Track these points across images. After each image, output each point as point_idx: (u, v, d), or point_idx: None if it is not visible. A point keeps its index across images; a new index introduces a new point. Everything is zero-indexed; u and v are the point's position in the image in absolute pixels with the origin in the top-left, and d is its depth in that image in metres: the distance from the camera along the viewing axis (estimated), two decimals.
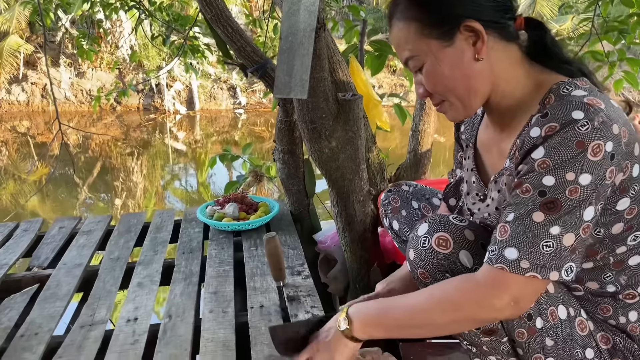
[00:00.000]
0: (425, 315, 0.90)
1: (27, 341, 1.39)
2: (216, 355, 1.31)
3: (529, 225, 0.81)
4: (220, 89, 10.94)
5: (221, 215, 2.07)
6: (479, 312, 0.86)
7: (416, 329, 0.94)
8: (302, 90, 1.49)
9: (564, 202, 0.79)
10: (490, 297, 0.84)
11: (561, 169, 0.79)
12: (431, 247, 0.94)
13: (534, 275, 0.81)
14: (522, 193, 0.83)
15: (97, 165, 7.22)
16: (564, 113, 0.81)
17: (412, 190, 1.38)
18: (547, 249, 0.80)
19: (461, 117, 0.96)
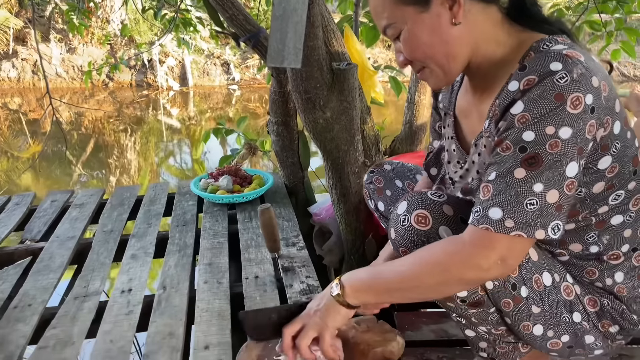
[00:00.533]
0: (414, 278, 0.90)
1: (20, 312, 1.39)
2: (211, 324, 1.31)
3: (511, 182, 0.80)
4: (213, 65, 10.82)
5: (215, 188, 2.06)
6: (465, 272, 0.85)
7: (406, 292, 0.94)
8: (296, 59, 1.47)
9: (545, 157, 0.78)
10: (476, 257, 0.83)
11: (540, 123, 0.78)
12: (411, 225, 0.94)
13: (519, 234, 0.80)
14: (503, 151, 0.82)
15: (90, 142, 7.16)
16: (542, 65, 0.79)
17: (395, 169, 1.36)
18: (531, 207, 0.79)
19: (443, 84, 0.95)
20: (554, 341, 0.98)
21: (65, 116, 8.36)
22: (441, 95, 1.16)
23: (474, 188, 0.99)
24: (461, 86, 1.08)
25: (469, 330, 1.07)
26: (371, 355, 1.12)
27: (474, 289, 0.94)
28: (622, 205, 0.91)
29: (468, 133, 1.05)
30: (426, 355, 1.28)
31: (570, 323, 0.97)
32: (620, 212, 0.92)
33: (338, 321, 1.00)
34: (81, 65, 10.29)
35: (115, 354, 1.21)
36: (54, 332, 1.30)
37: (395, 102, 7.06)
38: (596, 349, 1.01)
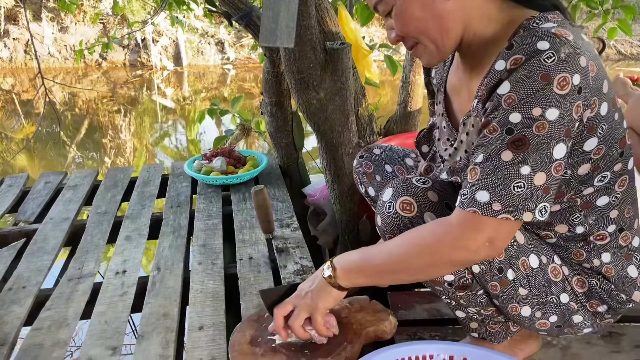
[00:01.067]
0: (403, 260, 0.90)
1: (15, 294, 1.39)
2: (205, 305, 1.32)
3: (498, 165, 0.80)
4: (207, 44, 10.70)
5: (209, 169, 2.05)
6: (454, 254, 0.85)
7: (395, 274, 0.94)
8: (289, 38, 1.45)
9: (532, 139, 0.77)
10: (464, 239, 0.83)
11: (527, 104, 0.77)
12: (396, 212, 0.94)
13: (507, 217, 0.80)
14: (490, 133, 0.81)
15: (84, 122, 7.11)
16: (528, 44, 0.78)
17: (384, 154, 1.35)
18: (519, 190, 0.79)
19: (436, 61, 0.94)
20: (542, 322, 1.00)
21: (58, 97, 8.28)
22: (434, 71, 1.15)
23: (461, 167, 0.99)
24: (452, 63, 1.07)
25: (459, 312, 1.08)
26: (364, 335, 1.13)
27: (461, 272, 0.95)
28: (608, 186, 0.91)
29: (458, 111, 1.04)
30: (419, 333, 1.29)
31: (558, 304, 0.98)
32: (606, 194, 0.92)
33: (329, 302, 1.01)
34: (74, 44, 10.15)
35: (111, 334, 1.22)
36: (48, 313, 1.31)
37: (391, 81, 7.02)
38: (585, 328, 1.02)
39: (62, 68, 10.01)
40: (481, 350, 0.97)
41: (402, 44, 0.95)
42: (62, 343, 1.20)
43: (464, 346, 0.99)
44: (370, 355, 0.95)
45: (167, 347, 1.17)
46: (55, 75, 9.35)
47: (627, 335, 1.24)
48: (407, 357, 0.97)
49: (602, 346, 1.21)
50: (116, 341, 1.20)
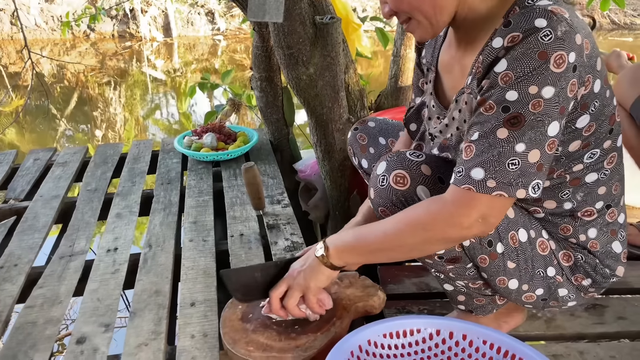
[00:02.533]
0: (397, 238, 0.91)
1: (6, 272, 1.40)
2: (197, 282, 1.33)
3: (494, 142, 0.80)
4: (197, 14, 10.51)
5: (199, 145, 2.04)
6: (447, 231, 0.86)
7: (389, 252, 0.95)
8: (277, 13, 1.43)
9: (528, 117, 0.78)
10: (458, 216, 0.84)
11: (523, 82, 0.77)
12: (389, 185, 0.95)
13: (501, 194, 0.81)
14: (486, 110, 0.81)
15: (73, 95, 7.02)
16: (526, 21, 0.78)
17: (379, 126, 1.36)
18: (513, 167, 0.80)
19: (429, 36, 0.93)
20: (528, 294, 1.02)
21: (47, 69, 8.15)
22: (424, 50, 1.14)
23: (452, 144, 1.00)
24: (444, 40, 1.06)
25: (448, 285, 1.10)
26: (353, 310, 1.15)
27: (452, 247, 0.96)
28: (597, 163, 0.93)
29: (449, 88, 1.04)
30: (407, 307, 1.31)
31: (544, 277, 1.00)
32: (595, 170, 0.93)
33: (322, 282, 1.02)
34: (60, 15, 9.95)
35: (103, 311, 1.24)
36: (41, 291, 1.32)
37: (383, 53, 6.96)
38: (569, 301, 1.05)
39: (49, 40, 9.83)
40: (467, 324, 0.99)
41: (391, 18, 0.94)
42: (55, 320, 1.21)
43: (451, 320, 1.01)
44: (358, 330, 0.97)
45: (159, 323, 1.19)
46: (42, 47, 9.19)
47: (610, 307, 1.27)
48: (394, 331, 0.99)
49: (585, 318, 1.24)
50: (109, 318, 1.21)
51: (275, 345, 1.04)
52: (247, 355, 1.02)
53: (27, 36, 2.71)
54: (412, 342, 1.00)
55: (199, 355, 1.09)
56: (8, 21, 9.76)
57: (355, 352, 0.94)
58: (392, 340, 0.99)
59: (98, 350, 1.11)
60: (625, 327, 1.21)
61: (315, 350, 1.03)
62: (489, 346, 0.96)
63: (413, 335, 1.00)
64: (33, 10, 9.79)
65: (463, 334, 0.98)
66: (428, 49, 1.12)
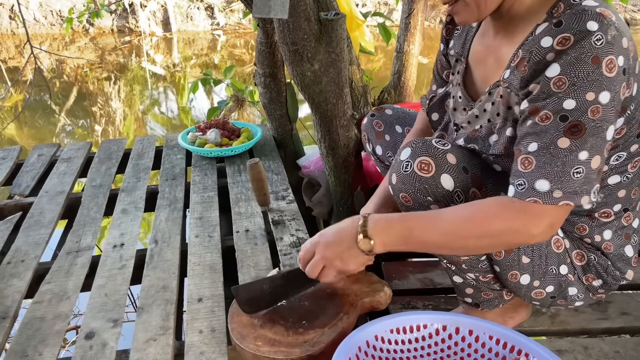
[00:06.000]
0: (460, 240, 0.88)
1: (14, 268, 1.41)
2: (204, 277, 1.34)
3: (556, 153, 0.80)
4: (197, 9, 10.48)
5: (203, 141, 2.05)
6: (516, 238, 0.86)
7: (446, 249, 0.94)
8: (283, 9, 1.43)
9: (588, 124, 0.78)
10: (528, 227, 0.83)
11: (580, 89, 0.77)
12: (413, 171, 0.94)
13: (567, 203, 0.81)
14: (542, 121, 0.80)
15: (73, 90, 7.00)
16: (578, 23, 0.77)
17: (396, 115, 1.36)
18: (578, 176, 0.80)
19: (472, 21, 0.92)
20: (538, 291, 1.03)
21: (46, 64, 8.13)
22: (453, 41, 1.14)
23: (481, 135, 0.99)
24: (477, 31, 1.06)
25: (457, 277, 1.11)
26: (360, 305, 1.16)
27: None
28: (622, 166, 0.93)
29: (480, 80, 1.03)
30: (412, 303, 1.32)
31: (557, 275, 1.01)
32: (618, 173, 0.94)
33: (358, 267, 0.99)
34: (60, 10, 9.92)
35: (111, 307, 1.24)
36: (48, 287, 1.33)
37: (383, 48, 6.95)
38: (577, 301, 1.06)
39: (48, 34, 9.80)
40: (473, 319, 1.00)
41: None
42: (63, 316, 1.22)
43: (457, 316, 1.02)
44: (365, 326, 0.98)
45: (167, 318, 1.20)
46: (41, 41, 9.16)
47: (614, 303, 1.29)
48: (401, 327, 1.00)
49: (589, 313, 1.25)
50: (117, 313, 1.22)
51: (283, 340, 1.05)
52: (256, 350, 1.03)
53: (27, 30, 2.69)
54: (418, 337, 1.01)
55: (208, 350, 1.10)
56: (7, 16, 9.72)
57: (363, 347, 0.95)
58: (398, 336, 1.00)
59: (107, 346, 1.12)
60: (629, 322, 1.22)
61: (323, 345, 1.04)
62: (495, 341, 0.97)
63: (420, 330, 1.01)
64: (32, 4, 9.75)
65: (469, 329, 0.99)
66: (457, 39, 1.11)
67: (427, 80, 6.49)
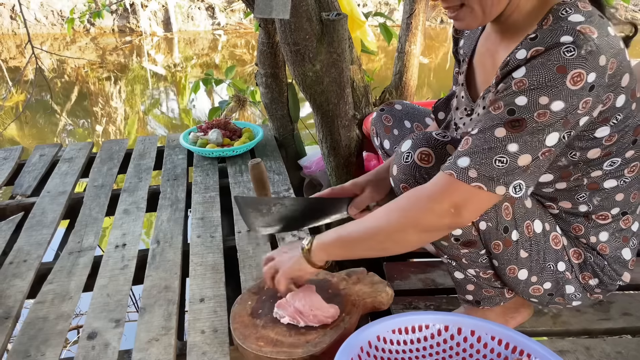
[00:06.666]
0: (373, 226, 0.92)
1: (16, 268, 1.41)
2: (205, 278, 1.34)
3: (489, 138, 0.81)
4: (197, 9, 10.49)
5: (205, 141, 2.05)
6: (420, 217, 0.87)
7: (366, 242, 0.95)
8: (284, 10, 1.43)
9: (529, 124, 0.79)
10: (431, 200, 0.85)
11: (536, 91, 0.78)
12: (414, 162, 0.96)
13: (479, 186, 0.82)
14: (494, 110, 0.82)
15: (74, 90, 7.01)
16: (552, 37, 0.79)
17: (405, 110, 1.37)
18: (500, 164, 0.81)
19: (475, 26, 0.92)
20: (536, 287, 1.03)
21: (47, 64, 8.14)
22: (462, 41, 1.14)
23: None
24: (482, 33, 1.07)
25: (458, 273, 1.11)
26: (362, 306, 1.16)
27: (468, 228, 0.96)
28: (617, 171, 0.93)
29: (480, 81, 1.05)
30: (414, 303, 1.32)
31: (554, 271, 1.01)
32: (615, 177, 0.94)
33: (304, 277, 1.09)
34: (61, 10, 9.93)
35: (113, 307, 1.25)
36: (51, 287, 1.33)
37: (384, 47, 6.94)
38: (575, 300, 1.06)
39: (49, 34, 9.80)
40: (475, 320, 1.00)
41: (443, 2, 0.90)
42: (65, 316, 1.23)
43: (459, 316, 1.02)
44: (368, 326, 0.98)
45: (169, 319, 1.20)
46: (42, 41, 9.17)
47: (616, 303, 1.29)
48: (403, 327, 1.00)
49: (591, 314, 1.25)
50: (119, 314, 1.22)
51: (286, 341, 1.06)
52: (258, 350, 1.03)
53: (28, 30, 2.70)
54: (420, 337, 1.01)
55: (210, 351, 1.10)
56: (8, 16, 9.73)
57: (365, 347, 0.96)
58: (401, 336, 1.00)
59: (109, 346, 1.13)
60: (631, 323, 1.22)
61: (325, 345, 1.04)
62: (497, 342, 0.97)
63: (422, 331, 1.01)
64: (33, 4, 9.76)
65: (471, 330, 0.99)
66: (467, 40, 1.12)
67: (429, 80, 6.50)
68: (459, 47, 1.16)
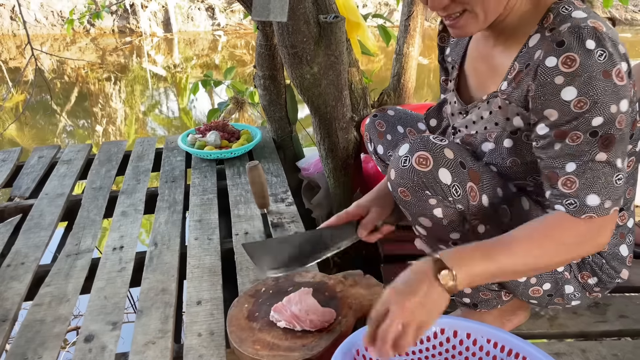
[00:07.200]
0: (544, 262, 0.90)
1: (14, 270, 1.41)
2: (202, 280, 1.34)
3: (596, 167, 0.84)
4: (197, 9, 10.49)
5: (203, 143, 2.05)
6: (584, 253, 0.94)
7: (533, 272, 0.98)
8: (282, 12, 1.44)
9: (616, 134, 0.83)
10: (597, 237, 0.89)
11: (602, 104, 0.81)
12: (411, 166, 0.95)
13: (615, 209, 0.87)
14: (573, 141, 0.84)
15: (74, 91, 7.01)
16: (579, 43, 0.80)
17: (398, 115, 1.37)
18: (620, 182, 0.86)
19: (475, 31, 0.93)
20: (535, 288, 1.03)
21: (47, 64, 8.14)
22: (448, 49, 1.15)
23: (476, 142, 1.02)
24: (471, 39, 1.07)
25: None
26: (358, 309, 1.16)
27: (467, 232, 0.97)
28: None
29: (475, 86, 1.05)
30: None
31: (554, 272, 1.02)
32: None
33: (442, 310, 0.88)
34: (61, 10, 9.93)
35: (111, 309, 1.25)
36: (48, 289, 1.33)
37: (383, 49, 6.94)
38: (574, 300, 1.06)
39: (49, 35, 9.81)
40: (471, 322, 1.00)
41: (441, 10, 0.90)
42: (63, 318, 1.23)
43: (455, 319, 1.02)
44: (364, 329, 0.98)
45: (166, 321, 1.20)
46: (42, 42, 9.17)
47: (613, 306, 1.29)
48: None
49: (588, 316, 1.25)
50: (116, 316, 1.23)
51: (282, 344, 1.06)
52: (254, 354, 1.03)
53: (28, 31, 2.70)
54: None
55: (206, 354, 1.10)
56: (8, 16, 9.73)
57: (361, 350, 0.95)
58: None
59: (106, 348, 1.13)
60: (628, 325, 1.22)
61: (321, 348, 1.04)
62: (492, 345, 0.97)
63: None
64: (33, 5, 9.77)
65: (467, 333, 0.99)
66: (453, 47, 1.13)
67: (427, 81, 6.49)
68: (446, 55, 1.16)
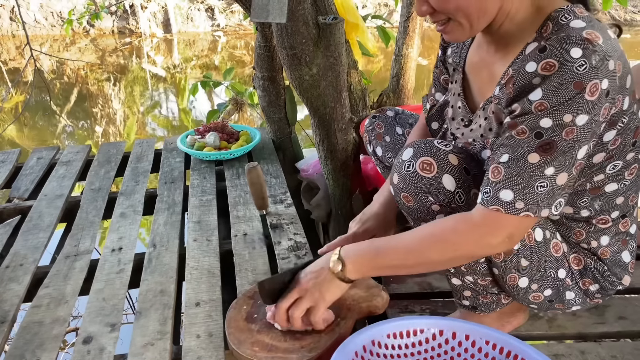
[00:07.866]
0: (422, 255, 0.92)
1: (12, 272, 1.41)
2: (201, 282, 1.34)
3: (524, 166, 0.82)
4: (197, 10, 10.49)
5: (202, 144, 2.05)
6: (475, 250, 0.89)
7: (411, 268, 0.96)
8: (281, 14, 1.44)
9: (560, 144, 0.80)
10: (487, 236, 0.86)
11: (558, 111, 0.79)
12: (415, 171, 0.95)
13: (528, 215, 0.83)
14: (518, 135, 0.82)
15: (73, 91, 7.01)
16: (562, 49, 0.79)
17: (397, 116, 1.37)
18: (542, 189, 0.82)
19: (464, 39, 0.93)
20: (536, 294, 1.03)
21: (46, 65, 8.14)
22: (450, 49, 1.14)
23: (475, 150, 1.01)
24: (472, 42, 1.06)
25: (456, 279, 1.11)
26: (357, 310, 1.16)
27: None
28: (618, 174, 0.94)
29: (476, 91, 1.04)
30: (410, 307, 1.32)
31: (555, 278, 1.02)
32: (616, 180, 0.95)
33: (336, 294, 1.03)
34: (60, 11, 9.93)
35: (109, 311, 1.25)
36: (47, 291, 1.33)
37: (382, 49, 6.95)
38: (574, 305, 1.06)
39: (49, 36, 9.81)
40: (470, 324, 1.00)
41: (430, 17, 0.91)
42: (61, 320, 1.23)
43: (454, 321, 1.02)
44: (362, 331, 0.98)
45: (164, 323, 1.20)
46: (42, 43, 9.17)
47: (612, 307, 1.28)
48: (398, 331, 1.00)
49: (587, 318, 1.25)
50: (115, 318, 1.22)
51: (280, 346, 1.06)
52: (253, 355, 1.03)
53: (27, 32, 2.71)
54: (415, 342, 1.01)
55: (205, 355, 1.10)
56: (7, 17, 9.73)
57: (360, 352, 0.95)
58: (395, 341, 1.00)
59: (105, 350, 1.13)
60: (627, 327, 1.22)
61: (320, 350, 1.04)
62: (491, 346, 0.97)
63: (417, 335, 1.01)
64: (32, 6, 9.77)
65: (466, 334, 0.99)
66: (455, 48, 1.12)
67: (428, 82, 6.49)
68: (447, 56, 1.15)
